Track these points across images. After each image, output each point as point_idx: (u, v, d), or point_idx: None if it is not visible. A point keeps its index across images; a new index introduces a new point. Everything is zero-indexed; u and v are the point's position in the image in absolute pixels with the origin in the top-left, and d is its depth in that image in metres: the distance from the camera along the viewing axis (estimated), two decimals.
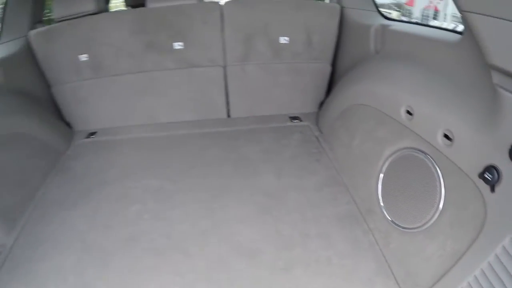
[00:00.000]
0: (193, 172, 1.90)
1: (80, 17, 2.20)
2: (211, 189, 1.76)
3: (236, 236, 1.49)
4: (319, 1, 2.99)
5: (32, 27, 2.29)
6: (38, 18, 2.40)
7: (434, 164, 1.24)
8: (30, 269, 1.45)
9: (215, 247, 1.45)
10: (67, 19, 2.21)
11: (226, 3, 2.25)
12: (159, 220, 1.61)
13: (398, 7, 5.27)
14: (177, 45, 2.21)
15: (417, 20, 4.80)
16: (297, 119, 2.38)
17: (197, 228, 1.55)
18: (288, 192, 1.71)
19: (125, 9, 3.59)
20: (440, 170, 1.22)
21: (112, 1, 3.92)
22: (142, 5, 2.34)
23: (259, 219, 1.57)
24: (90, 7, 2.17)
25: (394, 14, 4.45)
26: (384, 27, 1.87)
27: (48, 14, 2.60)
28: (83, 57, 2.24)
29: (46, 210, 1.75)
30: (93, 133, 2.41)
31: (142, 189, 1.80)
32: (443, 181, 1.20)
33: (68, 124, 2.45)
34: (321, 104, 2.41)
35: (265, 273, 1.33)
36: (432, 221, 1.21)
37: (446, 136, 1.21)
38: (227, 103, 2.42)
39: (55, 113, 2.40)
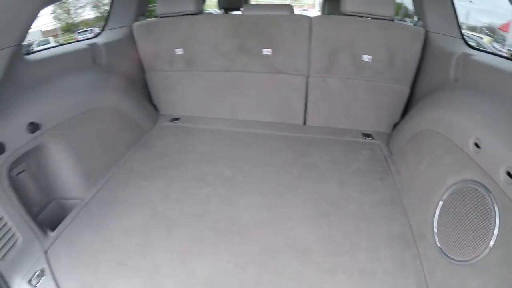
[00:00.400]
0: (263, 169, 2.03)
1: (179, 15, 2.46)
2: (277, 187, 1.88)
3: (291, 231, 1.59)
4: (405, 23, 2.95)
5: (136, 19, 2.63)
6: (142, 11, 2.74)
7: (493, 200, 1.23)
8: (101, 222, 1.70)
9: (271, 238, 1.56)
10: (168, 16, 2.49)
11: (316, 17, 2.35)
12: (225, 205, 1.77)
13: (491, 32, 4.89)
14: (266, 51, 2.37)
15: (509, 48, 4.42)
16: (369, 137, 2.40)
17: (258, 218, 1.67)
18: (348, 203, 1.76)
19: (220, 13, 3.92)
20: (498, 207, 1.20)
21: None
22: (235, 9, 2.55)
23: (316, 222, 1.65)
24: (191, 8, 2.43)
25: (486, 40, 4.15)
26: (466, 56, 1.84)
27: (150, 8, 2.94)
28: (179, 51, 2.52)
29: (124, 177, 2.02)
30: (176, 119, 2.68)
31: (215, 175, 1.98)
32: (499, 218, 1.19)
33: (155, 107, 2.76)
34: (395, 125, 2.40)
35: (311, 271, 1.42)
36: (480, 257, 1.20)
37: (509, 174, 1.19)
38: (305, 111, 2.52)
39: (145, 95, 2.71)
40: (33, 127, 1.64)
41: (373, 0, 2.13)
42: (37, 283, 1.45)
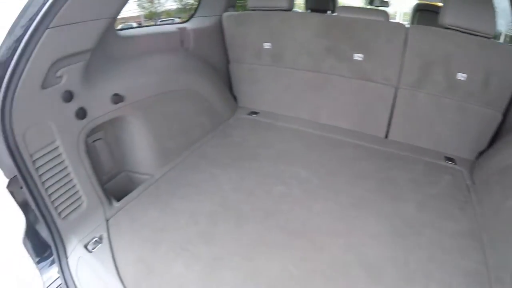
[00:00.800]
0: (339, 177, 1.93)
1: (270, 10, 2.43)
2: (352, 197, 1.77)
3: (364, 247, 1.48)
4: (508, 45, 2.69)
5: (225, 9, 2.64)
6: (232, 3, 2.76)
7: None
8: (168, 202, 1.69)
9: (342, 250, 1.46)
10: (259, 10, 2.47)
11: (413, 26, 2.19)
12: (298, 207, 1.68)
13: None
14: (357, 56, 2.26)
15: None
16: (451, 161, 2.18)
17: (331, 227, 1.57)
18: (424, 227, 1.61)
19: (311, 12, 3.87)
20: None
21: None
22: (322, 11, 2.48)
23: (390, 241, 1.52)
24: (283, 4, 2.39)
25: None
26: None
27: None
28: (267, 45, 2.48)
29: (197, 162, 2.01)
30: (255, 112, 2.65)
31: (290, 175, 1.90)
32: None
33: (234, 98, 2.75)
34: (481, 153, 2.16)
35: None
36: None
37: None
38: (389, 124, 2.37)
39: (226, 85, 2.71)
40: (117, 98, 1.67)
41: (475, 15, 1.94)
42: (93, 249, 1.46)
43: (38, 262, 1.53)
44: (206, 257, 1.40)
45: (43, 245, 1.50)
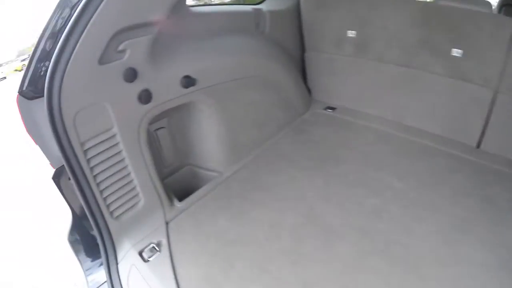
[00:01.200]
0: (436, 191, 1.64)
1: None
2: (453, 218, 1.48)
3: (474, 281, 1.22)
4: None
5: None
6: None
7: None
8: (241, 208, 1.49)
9: (450, 283, 1.21)
10: None
11: None
12: (399, 226, 1.42)
13: None
14: (455, 52, 1.92)
15: None
16: None
17: (436, 254, 1.31)
18: None
19: None
20: None
21: None
22: None
23: (499, 275, 1.24)
24: None
25: None
26: None
27: None
28: (351, 33, 2.18)
29: (273, 161, 1.80)
30: (331, 108, 2.38)
31: (383, 185, 1.63)
32: None
33: (308, 90, 2.48)
34: None
35: None
36: None
37: None
38: (483, 132, 2.01)
39: (301, 76, 2.46)
40: (188, 81, 1.46)
41: None
42: (149, 257, 1.29)
43: (83, 262, 1.40)
44: (292, 282, 1.18)
45: (90, 243, 1.36)
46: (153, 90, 1.32)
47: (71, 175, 1.14)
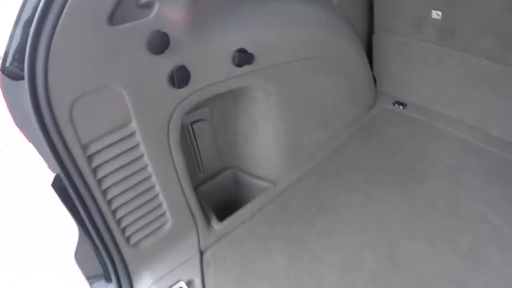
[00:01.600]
0: None
1: None
2: None
3: None
4: None
5: None
6: None
7: None
8: (304, 238, 1.20)
9: None
10: None
11: None
12: (497, 278, 1.11)
13: None
14: None
15: None
16: None
17: None
18: None
19: None
20: None
21: None
22: None
23: None
24: None
25: None
26: None
27: None
28: (436, 14, 1.79)
29: (341, 171, 1.49)
30: (401, 103, 2.01)
31: (477, 216, 1.30)
32: None
33: (373, 79, 2.12)
34: None
35: None
36: None
37: None
38: None
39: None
40: (243, 58, 1.07)
41: None
42: None
43: (91, 284, 1.17)
44: None
45: (103, 264, 1.09)
46: (192, 67, 0.95)
47: (71, 189, 0.83)
